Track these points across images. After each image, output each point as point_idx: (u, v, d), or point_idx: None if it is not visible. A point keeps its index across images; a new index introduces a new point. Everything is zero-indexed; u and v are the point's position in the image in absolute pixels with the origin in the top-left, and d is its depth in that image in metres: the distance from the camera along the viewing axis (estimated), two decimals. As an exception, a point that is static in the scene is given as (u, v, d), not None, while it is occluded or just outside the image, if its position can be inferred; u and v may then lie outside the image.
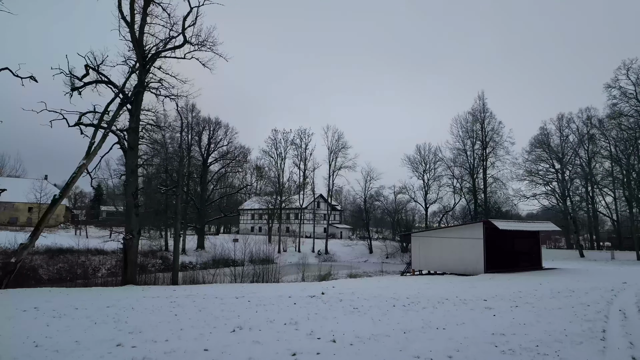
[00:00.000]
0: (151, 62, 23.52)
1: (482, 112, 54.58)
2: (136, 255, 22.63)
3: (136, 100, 22.93)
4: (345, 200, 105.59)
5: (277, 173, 66.78)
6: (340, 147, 64.80)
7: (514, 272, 23.16)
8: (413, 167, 66.27)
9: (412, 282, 19.28)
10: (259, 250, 39.99)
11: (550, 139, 61.24)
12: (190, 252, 51.73)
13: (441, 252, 24.36)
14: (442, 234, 24.59)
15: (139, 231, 22.56)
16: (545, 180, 61.97)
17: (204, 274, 32.97)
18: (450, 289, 15.87)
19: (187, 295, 14.68)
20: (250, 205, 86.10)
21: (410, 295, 13.92)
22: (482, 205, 53.94)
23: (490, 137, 53.88)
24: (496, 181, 53.85)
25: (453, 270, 23.56)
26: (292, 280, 37.04)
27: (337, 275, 41.08)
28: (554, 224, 27.39)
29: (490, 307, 10.85)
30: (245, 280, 32.83)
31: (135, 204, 22.20)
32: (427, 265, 25.21)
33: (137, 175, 22.81)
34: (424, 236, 25.40)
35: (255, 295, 14.31)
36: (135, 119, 22.79)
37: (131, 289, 18.06)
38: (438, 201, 65.77)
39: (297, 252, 62.69)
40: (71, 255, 42.63)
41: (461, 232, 23.68)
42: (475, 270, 22.53)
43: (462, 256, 23.25)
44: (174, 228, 24.79)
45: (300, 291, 15.44)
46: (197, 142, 56.17)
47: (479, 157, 54.99)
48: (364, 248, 64.53)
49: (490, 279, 19.61)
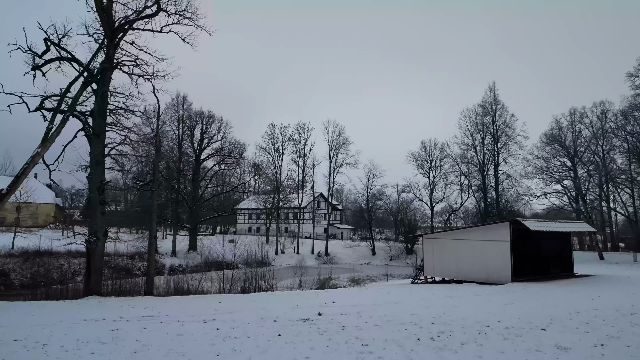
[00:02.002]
0: (121, 34, 20.19)
1: (493, 104, 51.11)
2: (102, 260, 19.27)
3: (102, 79, 19.59)
4: (346, 199, 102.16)
5: (274, 170, 63.36)
6: (341, 143, 61.45)
7: (544, 280, 19.78)
8: (418, 164, 62.91)
9: (429, 294, 15.87)
10: (255, 251, 36.48)
11: (563, 134, 57.87)
12: (180, 254, 48.43)
13: (458, 256, 20.98)
14: (460, 235, 21.19)
15: (106, 232, 19.22)
16: (557, 178, 58.57)
17: (190, 279, 29.72)
18: (482, 307, 12.46)
19: (143, 316, 11.32)
20: (248, 205, 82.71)
21: (435, 317, 10.54)
22: (492, 204, 50.49)
23: (503, 130, 50.39)
24: (509, 178, 50.37)
25: (473, 277, 20.16)
26: (289, 287, 33.67)
27: (338, 279, 37.69)
28: (587, 224, 24.06)
29: (561, 344, 7.47)
30: (235, 286, 29.49)
31: (101, 200, 18.87)
32: (441, 272, 21.82)
33: (104, 166, 19.46)
34: (438, 238, 22.00)
35: (231, 317, 10.94)
36: (100, 101, 19.48)
37: (83, 305, 14.71)
38: (444, 200, 62.38)
39: (295, 254, 59.33)
40: (49, 258, 39.40)
41: (483, 234, 20.29)
42: (499, 278, 19.13)
43: (484, 261, 19.86)
44: (149, 229, 21.46)
45: (290, 310, 12.06)
46: (189, 137, 52.83)
47: (489, 153, 51.52)
48: (366, 249, 61.12)
49: (522, 291, 16.21)
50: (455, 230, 21.60)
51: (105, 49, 19.92)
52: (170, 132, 50.56)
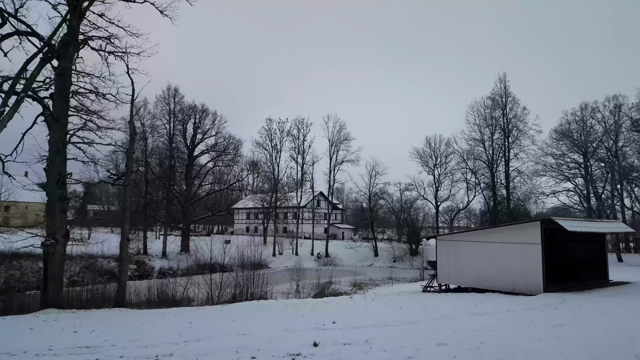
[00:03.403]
0: (86, 2, 17.38)
1: (503, 97, 48.12)
2: (61, 267, 16.46)
3: (64, 55, 16.80)
4: (347, 198, 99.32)
5: (272, 168, 60.50)
6: (342, 138, 58.62)
7: (579, 289, 16.97)
8: (422, 161, 60.11)
9: (450, 308, 13.06)
10: (252, 253, 33.60)
11: (574, 130, 55.03)
12: (172, 256, 45.65)
13: (478, 261, 18.17)
14: (480, 236, 18.38)
15: (67, 234, 16.44)
16: (567, 176, 55.72)
17: (177, 284, 26.93)
18: (526, 330, 9.66)
19: (79, 347, 8.51)
20: (245, 204, 79.91)
21: (472, 350, 7.76)
22: (502, 202, 47.61)
23: (514, 124, 47.44)
24: (520, 175, 47.48)
25: (496, 286, 17.36)
26: (285, 292, 30.85)
27: (339, 284, 34.86)
28: (625, 224, 21.30)
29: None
30: (225, 293, 26.73)
31: (61, 196, 16.09)
32: (457, 279, 19.01)
33: (66, 156, 16.67)
34: (454, 240, 19.18)
35: (195, 350, 8.13)
36: (61, 80, 16.70)
37: (24, 323, 11.89)
38: (450, 199, 59.55)
39: (294, 255, 56.53)
40: (28, 261, 36.65)
41: (507, 235, 17.47)
42: (528, 287, 16.33)
43: (509, 267, 17.06)
44: (122, 230, 18.67)
45: (278, 336, 9.25)
46: (182, 132, 50.00)
47: (499, 148, 48.61)
48: (368, 250, 58.28)
49: (562, 304, 13.40)
50: (474, 231, 18.77)
51: (68, 19, 17.13)
52: (161, 126, 47.82)
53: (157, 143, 48.11)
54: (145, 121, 47.00)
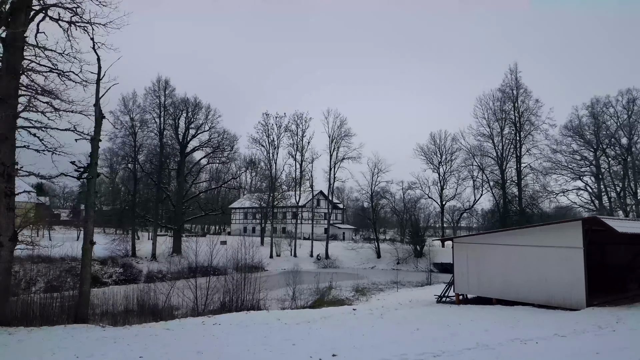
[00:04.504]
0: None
1: (514, 89, 45.29)
2: (8, 274, 13.73)
3: (14, 23, 14.10)
4: (347, 198, 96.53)
5: (268, 165, 57.72)
6: (342, 134, 55.86)
7: (627, 302, 14.21)
8: (427, 158, 57.34)
9: (481, 331, 10.32)
10: (248, 254, 30.74)
11: (584, 126, 52.28)
12: (162, 258, 42.93)
13: (505, 267, 15.45)
14: (507, 239, 15.65)
15: (15, 235, 13.73)
16: (577, 174, 52.96)
17: (155, 291, 24.16)
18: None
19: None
20: (242, 204, 77.19)
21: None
22: (513, 201, 44.81)
23: (527, 118, 44.60)
24: (533, 172, 44.66)
25: (527, 297, 14.65)
26: (280, 299, 28.11)
27: (340, 289, 32.06)
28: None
29: None
30: (213, 300, 24.07)
31: (8, 191, 13.39)
32: (479, 288, 16.27)
33: (14, 143, 13.96)
34: (474, 243, 16.45)
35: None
36: (8, 54, 14.02)
37: None
38: (456, 197, 56.77)
39: (292, 257, 53.82)
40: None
41: (541, 237, 14.76)
42: (567, 300, 13.61)
43: (544, 275, 14.36)
44: (85, 231, 15.93)
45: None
46: (173, 127, 47.24)
47: (509, 144, 45.79)
48: (370, 252, 55.48)
49: (618, 324, 10.70)
50: (500, 233, 16.04)
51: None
52: (151, 120, 45.08)
53: (146, 139, 45.41)
54: (134, 115, 44.34)
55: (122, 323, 19.35)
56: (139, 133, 44.76)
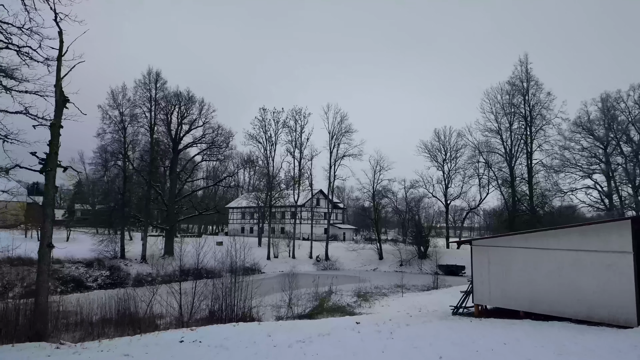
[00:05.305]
0: None
1: (524, 81, 42.94)
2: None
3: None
4: (347, 198, 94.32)
5: (265, 162, 55.41)
6: (343, 130, 53.53)
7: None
8: (431, 155, 55.07)
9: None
10: (239, 257, 28.42)
11: (593, 122, 50.00)
12: (152, 260, 40.64)
13: (534, 275, 13.21)
14: (536, 241, 13.39)
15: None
16: (587, 172, 50.70)
17: (139, 297, 21.90)
18: None
19: None
20: (239, 203, 74.93)
21: None
22: (522, 200, 42.50)
23: (538, 112, 42.26)
24: (546, 168, 42.32)
25: (562, 311, 12.42)
26: (276, 304, 25.81)
27: (341, 294, 29.71)
28: None
29: None
30: (200, 307, 21.85)
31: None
32: (503, 298, 14.01)
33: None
34: (497, 246, 14.19)
35: None
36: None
37: None
38: (462, 196, 54.50)
39: (290, 258, 51.55)
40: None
41: (578, 240, 12.52)
42: (613, 316, 11.37)
43: (582, 285, 12.13)
44: (41, 232, 13.71)
45: None
46: (165, 123, 45.00)
47: (519, 139, 43.44)
48: (372, 253, 53.17)
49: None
50: (527, 234, 13.75)
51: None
52: (141, 115, 42.81)
53: (137, 134, 43.16)
54: (124, 110, 42.10)
55: (95, 336, 17.14)
56: (129, 129, 42.55)
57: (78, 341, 16.04)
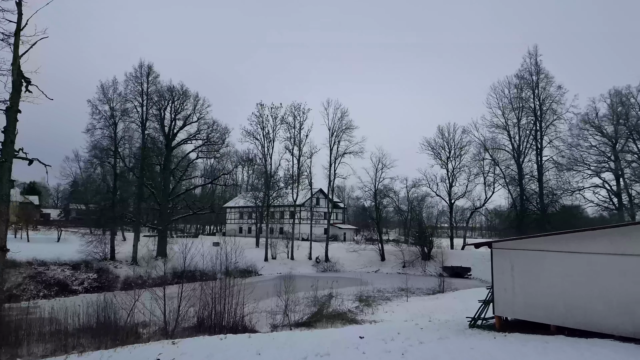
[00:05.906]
0: None
1: (534, 74, 41.02)
2: None
3: None
4: (348, 197, 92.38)
5: (263, 160, 53.53)
6: (344, 127, 51.63)
7: None
8: (434, 153, 53.20)
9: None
10: (236, 258, 26.51)
11: (602, 119, 48.15)
12: (144, 262, 38.85)
13: (567, 283, 11.38)
14: (570, 244, 11.54)
15: None
16: (595, 171, 48.85)
17: (121, 303, 20.03)
18: None
19: None
20: (237, 202, 73.10)
21: None
22: (531, 198, 40.60)
23: (548, 106, 40.33)
24: (556, 165, 40.40)
25: (602, 326, 10.61)
26: (272, 310, 23.74)
27: (342, 299, 27.82)
28: None
29: None
30: (187, 314, 20.03)
31: None
32: (529, 309, 12.17)
33: None
34: (521, 249, 12.35)
35: None
36: None
37: None
38: (466, 195, 52.60)
39: (289, 260, 49.72)
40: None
41: (620, 242, 10.70)
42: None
43: (627, 296, 10.31)
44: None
45: None
46: (158, 118, 43.13)
47: (528, 135, 41.53)
48: (374, 254, 51.31)
49: None
50: (558, 236, 11.88)
51: None
52: (133, 110, 40.92)
53: (128, 130, 41.29)
54: (114, 104, 40.27)
55: (69, 348, 15.36)
56: (120, 124, 40.72)
57: (43, 356, 14.24)
